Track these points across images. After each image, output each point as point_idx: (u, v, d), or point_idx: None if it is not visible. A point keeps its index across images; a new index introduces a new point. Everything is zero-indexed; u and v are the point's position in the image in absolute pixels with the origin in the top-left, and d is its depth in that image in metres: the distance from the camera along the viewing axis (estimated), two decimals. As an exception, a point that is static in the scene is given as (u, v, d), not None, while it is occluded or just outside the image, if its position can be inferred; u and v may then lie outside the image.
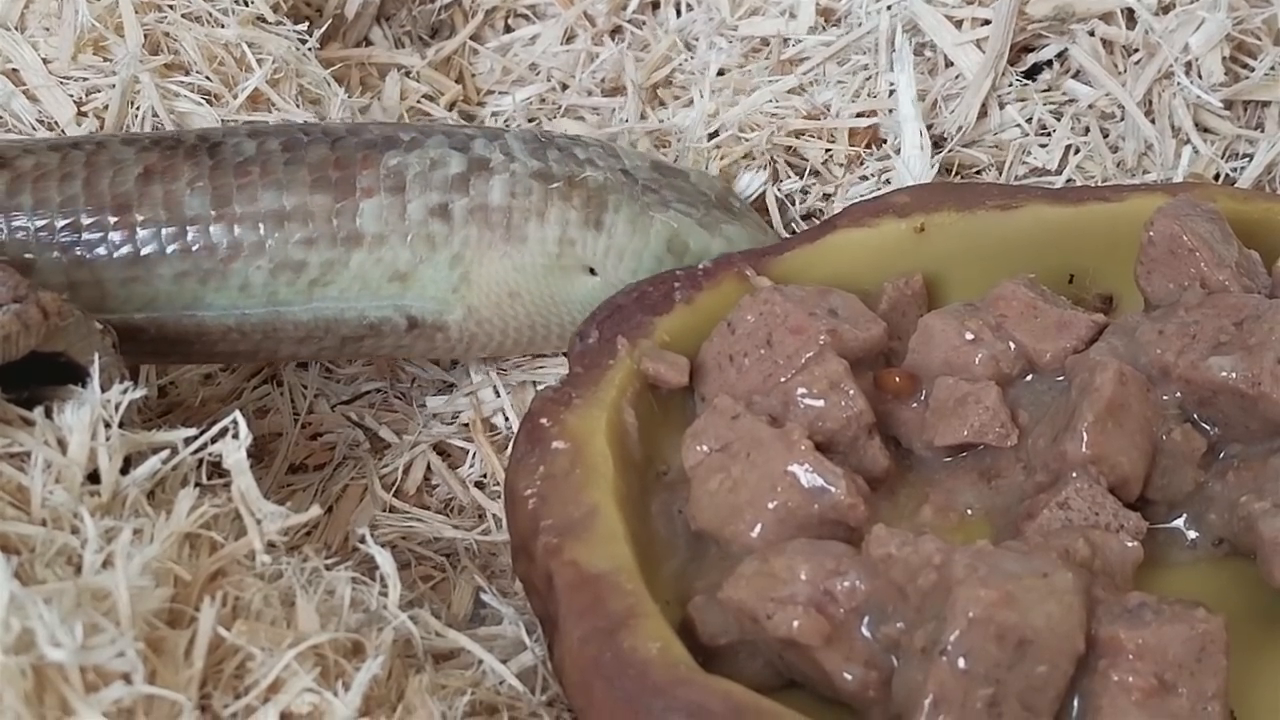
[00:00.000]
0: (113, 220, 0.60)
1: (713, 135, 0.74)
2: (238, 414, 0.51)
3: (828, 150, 0.73)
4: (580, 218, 0.62)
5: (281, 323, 0.62)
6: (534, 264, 0.62)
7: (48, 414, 0.51)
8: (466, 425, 0.68)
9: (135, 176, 0.60)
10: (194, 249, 0.60)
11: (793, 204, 0.74)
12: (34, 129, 0.69)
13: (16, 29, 0.71)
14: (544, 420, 0.56)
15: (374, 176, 0.61)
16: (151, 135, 0.63)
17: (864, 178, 0.74)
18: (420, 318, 0.63)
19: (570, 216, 0.62)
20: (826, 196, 0.74)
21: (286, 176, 0.61)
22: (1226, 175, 0.73)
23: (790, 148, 0.74)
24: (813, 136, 0.74)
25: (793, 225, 0.73)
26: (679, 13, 0.81)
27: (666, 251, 0.63)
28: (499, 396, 0.69)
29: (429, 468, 0.67)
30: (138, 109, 0.69)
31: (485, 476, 0.67)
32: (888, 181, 0.73)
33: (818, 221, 0.70)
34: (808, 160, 0.74)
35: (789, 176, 0.74)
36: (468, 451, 0.68)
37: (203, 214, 0.60)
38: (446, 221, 0.62)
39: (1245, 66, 0.74)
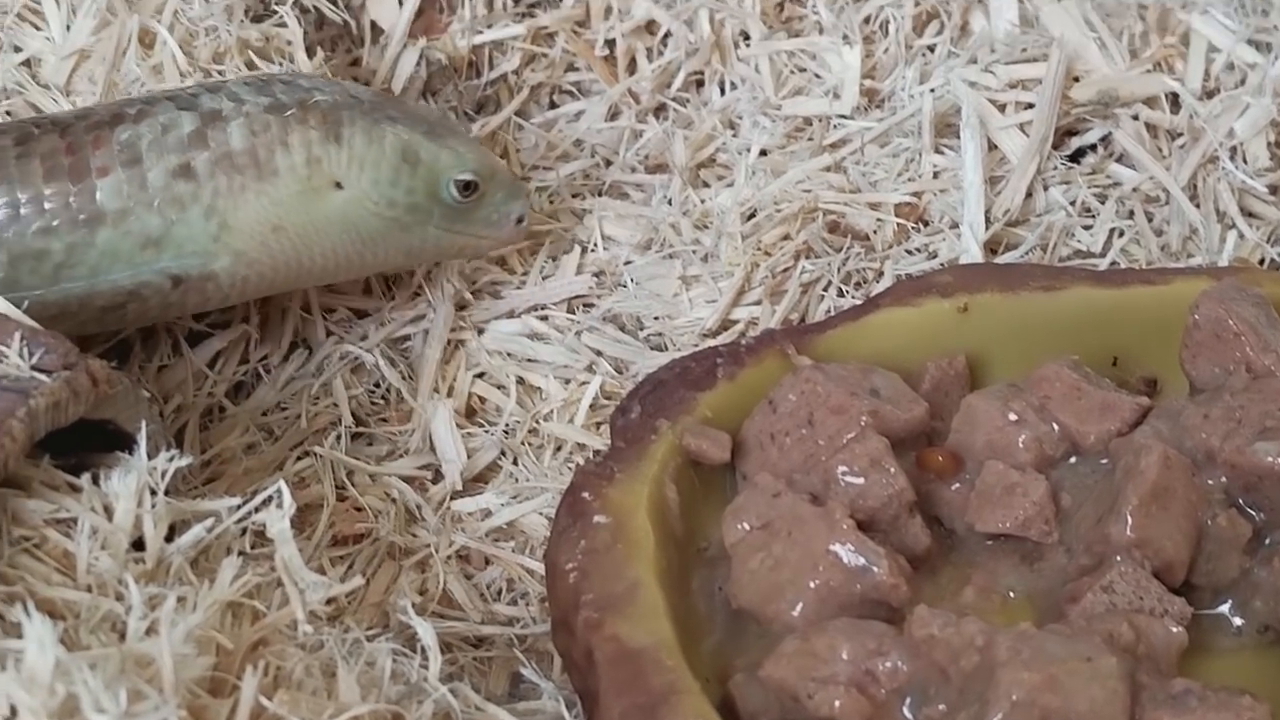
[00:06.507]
0: None
1: (750, 216, 0.75)
2: (282, 483, 0.51)
3: (874, 231, 0.74)
4: (320, 135, 0.64)
5: (27, 308, 0.61)
6: (290, 192, 0.64)
7: (94, 480, 0.51)
8: (492, 532, 0.67)
9: None
10: None
11: (831, 283, 0.74)
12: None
13: (62, 91, 0.72)
14: (586, 494, 0.56)
15: (108, 154, 0.62)
16: None
17: (910, 252, 0.74)
18: (184, 274, 0.63)
19: (311, 136, 0.64)
20: (866, 277, 0.74)
21: (19, 171, 0.62)
22: (1272, 260, 0.73)
23: (831, 226, 0.74)
24: (853, 206, 0.74)
25: (831, 307, 0.73)
26: (723, 91, 0.81)
27: (402, 161, 0.66)
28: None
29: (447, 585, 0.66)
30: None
31: (513, 580, 0.65)
32: (934, 257, 0.73)
33: (859, 300, 0.70)
34: (847, 239, 0.74)
35: (827, 253, 0.73)
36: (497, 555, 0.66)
37: None
38: (191, 179, 0.63)
39: (1290, 152, 0.75)
